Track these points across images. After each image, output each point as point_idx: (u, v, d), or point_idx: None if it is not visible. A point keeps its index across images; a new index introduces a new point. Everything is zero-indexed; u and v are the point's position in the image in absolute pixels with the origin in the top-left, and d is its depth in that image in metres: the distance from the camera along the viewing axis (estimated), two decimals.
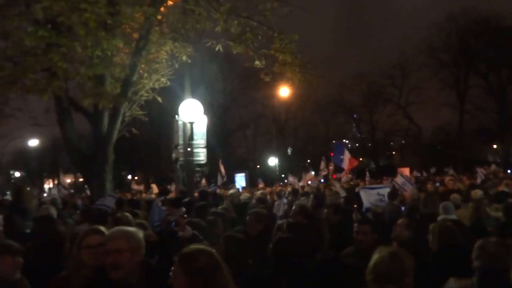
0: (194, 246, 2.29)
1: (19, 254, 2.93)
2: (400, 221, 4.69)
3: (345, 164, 14.90)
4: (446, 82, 36.32)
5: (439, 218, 4.85)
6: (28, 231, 5.38)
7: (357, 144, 51.86)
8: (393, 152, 48.51)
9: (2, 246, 2.94)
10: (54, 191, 10.11)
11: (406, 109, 38.62)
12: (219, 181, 17.07)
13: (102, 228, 2.89)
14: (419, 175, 18.84)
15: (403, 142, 44.46)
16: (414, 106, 37.86)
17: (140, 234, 2.67)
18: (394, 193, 8.01)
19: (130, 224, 4.26)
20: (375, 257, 2.48)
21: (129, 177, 39.12)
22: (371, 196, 7.71)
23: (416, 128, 39.29)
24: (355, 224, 4.08)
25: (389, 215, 6.66)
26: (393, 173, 23.14)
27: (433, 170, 20.63)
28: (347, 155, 14.90)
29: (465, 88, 36.09)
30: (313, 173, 17.31)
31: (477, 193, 6.84)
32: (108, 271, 2.42)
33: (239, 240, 3.22)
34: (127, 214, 5.06)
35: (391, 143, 47.05)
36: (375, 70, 38.45)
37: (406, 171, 21.01)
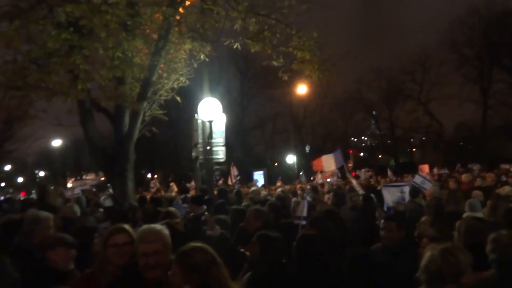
0: (191, 244, 2.34)
1: (72, 246, 3.11)
2: (423, 218, 4.62)
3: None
4: (469, 77, 35.39)
5: (465, 215, 4.74)
6: None
7: (376, 142, 51.18)
8: (414, 149, 47.66)
9: (57, 239, 3.12)
10: (77, 190, 10.33)
11: (427, 105, 37.81)
12: (229, 181, 17.06)
13: (127, 227, 2.94)
14: (442, 172, 18.41)
15: (424, 139, 43.60)
16: (435, 102, 37.03)
17: (167, 231, 2.74)
18: (415, 191, 7.89)
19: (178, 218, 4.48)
20: (427, 255, 2.36)
21: (149, 175, 39.69)
22: (393, 194, 7.59)
23: (438, 125, 38.42)
24: (382, 221, 4.05)
25: (410, 213, 6.56)
26: (413, 170, 22.76)
27: (457, 167, 20.10)
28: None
29: (489, 83, 35.08)
30: (332, 168, 17.01)
31: (505, 189, 6.66)
32: (144, 271, 2.46)
33: (273, 239, 3.22)
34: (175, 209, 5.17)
35: (411, 140, 46.21)
36: (395, 65, 37.93)
37: (425, 168, 20.63)
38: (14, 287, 2.73)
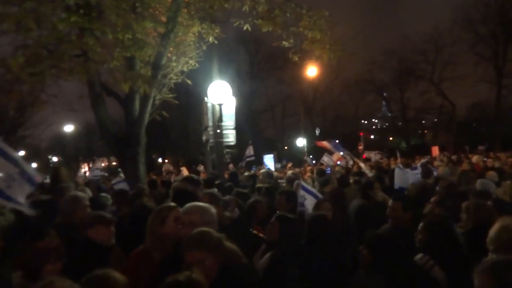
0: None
1: (111, 224, 3.27)
2: (433, 198, 4.60)
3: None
4: (483, 56, 34.56)
5: None
6: None
7: (386, 124, 50.70)
8: (425, 131, 47.15)
9: (96, 217, 3.31)
10: (97, 172, 10.46)
11: (439, 86, 37.16)
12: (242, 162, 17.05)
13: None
14: (451, 157, 18.21)
15: (436, 120, 43.03)
16: (448, 83, 36.38)
17: (213, 210, 2.81)
18: (427, 172, 7.85)
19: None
20: (497, 226, 2.51)
21: (160, 160, 40.05)
22: (407, 176, 7.52)
23: (450, 106, 37.79)
24: (390, 201, 4.05)
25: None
26: (425, 152, 22.57)
27: (483, 147, 19.67)
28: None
29: (504, 62, 34.22)
30: (341, 153, 17.11)
31: None
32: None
33: (292, 220, 3.27)
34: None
35: (423, 122, 45.66)
36: (407, 46, 37.17)
37: (435, 150, 20.47)
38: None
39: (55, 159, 47.96)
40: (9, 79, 6.68)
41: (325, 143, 15.95)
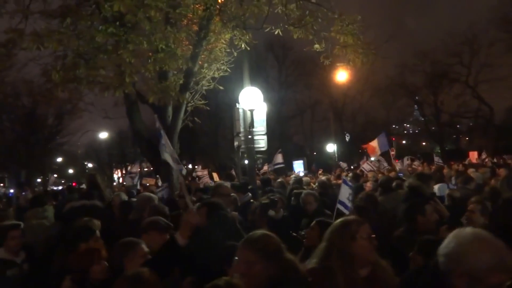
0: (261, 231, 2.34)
1: (165, 231, 3.17)
2: (471, 206, 4.38)
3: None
4: None
5: None
6: None
7: (419, 128, 49.26)
8: (460, 136, 45.47)
9: (150, 223, 3.26)
10: (129, 180, 10.74)
11: (475, 89, 35.76)
12: (265, 167, 17.00)
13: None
14: (495, 160, 17.46)
15: (471, 124, 41.39)
16: (485, 85, 34.87)
17: None
18: (468, 177, 7.58)
19: None
20: None
21: (190, 166, 40.58)
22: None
23: (487, 109, 36.25)
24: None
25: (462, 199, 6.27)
26: (461, 157, 21.72)
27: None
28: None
29: None
30: (372, 158, 16.76)
31: None
32: None
33: (331, 224, 3.24)
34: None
35: (458, 126, 44.05)
36: (440, 48, 36.09)
37: (474, 155, 19.71)
38: None
39: (90, 165, 49.64)
40: (50, 87, 7.00)
41: (372, 144, 14.84)
